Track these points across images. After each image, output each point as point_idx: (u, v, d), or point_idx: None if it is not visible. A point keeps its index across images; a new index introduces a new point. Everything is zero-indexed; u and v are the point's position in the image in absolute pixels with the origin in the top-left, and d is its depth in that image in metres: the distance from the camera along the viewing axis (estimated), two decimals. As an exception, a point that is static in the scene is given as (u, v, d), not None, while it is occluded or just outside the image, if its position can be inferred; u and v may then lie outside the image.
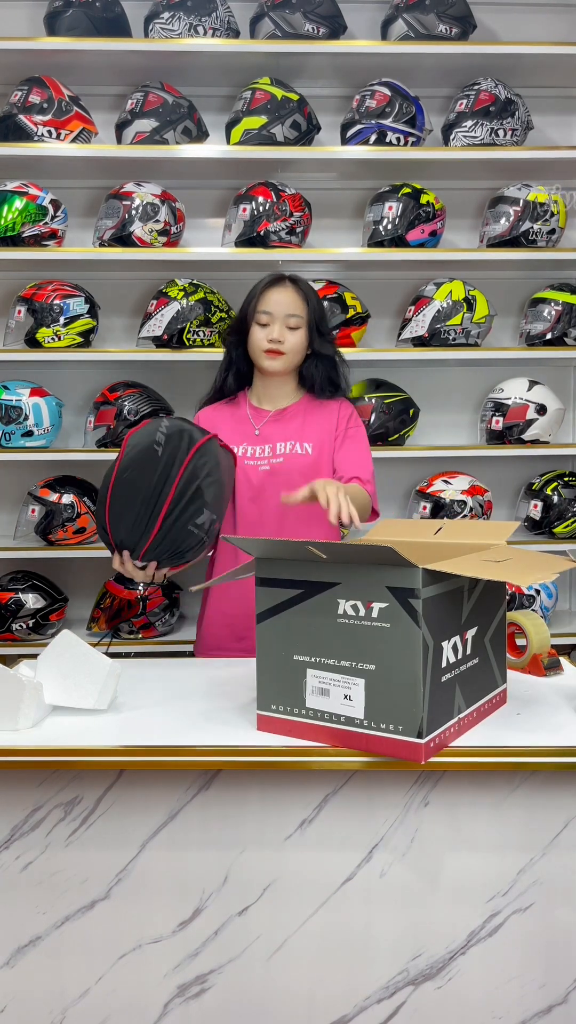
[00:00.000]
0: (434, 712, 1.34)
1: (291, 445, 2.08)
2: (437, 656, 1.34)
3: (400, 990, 1.47)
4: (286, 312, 2.05)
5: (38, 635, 2.98)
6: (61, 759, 1.43)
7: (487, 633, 1.52)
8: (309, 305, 2.08)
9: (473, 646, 1.47)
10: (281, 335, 2.04)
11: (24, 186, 2.85)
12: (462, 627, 1.41)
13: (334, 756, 1.41)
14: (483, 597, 1.50)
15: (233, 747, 1.43)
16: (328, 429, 2.11)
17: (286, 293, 2.06)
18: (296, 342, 2.07)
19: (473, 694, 1.48)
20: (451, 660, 1.38)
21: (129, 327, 3.19)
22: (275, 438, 2.09)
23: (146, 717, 1.59)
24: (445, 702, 1.38)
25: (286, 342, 2.05)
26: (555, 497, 3.07)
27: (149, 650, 2.97)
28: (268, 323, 2.05)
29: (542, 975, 1.47)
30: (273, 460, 2.07)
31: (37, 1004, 1.49)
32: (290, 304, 2.05)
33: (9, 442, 2.91)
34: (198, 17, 2.86)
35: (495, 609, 1.55)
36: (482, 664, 1.51)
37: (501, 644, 1.60)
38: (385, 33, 2.98)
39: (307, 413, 2.13)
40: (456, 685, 1.41)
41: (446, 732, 1.39)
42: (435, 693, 1.34)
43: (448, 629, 1.37)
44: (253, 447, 2.08)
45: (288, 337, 2.05)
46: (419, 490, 3.07)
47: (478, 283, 3.05)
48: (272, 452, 2.08)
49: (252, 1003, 1.48)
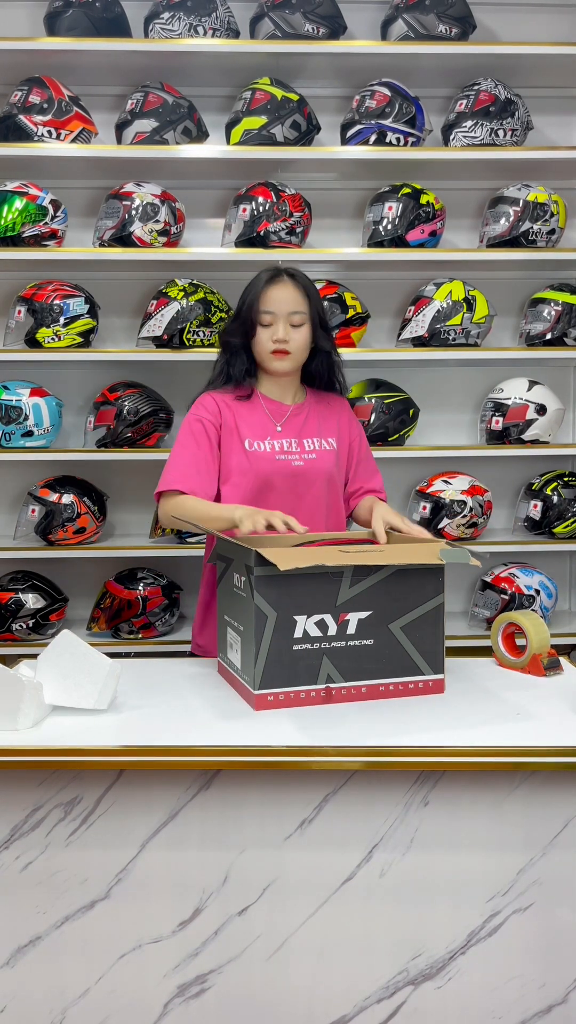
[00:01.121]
0: (277, 672, 1.60)
1: (318, 442, 2.06)
2: (285, 627, 1.60)
3: (400, 990, 1.47)
4: (289, 310, 2.00)
5: (38, 635, 2.98)
6: (61, 759, 1.43)
7: (398, 622, 1.66)
8: (311, 300, 2.03)
9: (363, 629, 1.64)
10: (286, 334, 1.99)
11: (24, 186, 2.85)
12: (336, 609, 1.62)
13: (334, 756, 1.41)
14: (389, 588, 1.65)
15: (233, 747, 1.44)
16: (341, 425, 2.12)
17: (286, 289, 2.01)
18: (301, 339, 2.02)
19: (361, 672, 1.65)
20: (313, 635, 1.62)
21: (129, 327, 3.19)
22: (300, 434, 2.06)
23: (146, 717, 1.59)
24: (301, 668, 1.61)
25: (291, 340, 2.00)
26: (555, 497, 3.07)
27: (149, 650, 2.97)
28: (271, 323, 2.00)
29: (542, 975, 1.47)
30: (305, 455, 2.04)
31: (37, 1004, 1.49)
32: (292, 301, 2.00)
33: (9, 442, 2.91)
34: (198, 17, 2.86)
35: (417, 603, 1.67)
36: (385, 649, 1.66)
37: (429, 636, 1.68)
38: (385, 33, 2.98)
39: (319, 409, 2.11)
40: (324, 657, 1.62)
41: (298, 693, 1.62)
42: (281, 657, 1.60)
43: (306, 607, 1.61)
44: (279, 441, 2.04)
45: (293, 335, 2.01)
46: (419, 490, 3.07)
47: (478, 283, 3.05)
48: (301, 448, 2.04)
49: (252, 1003, 1.48)
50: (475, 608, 3.11)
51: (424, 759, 1.42)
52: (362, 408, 2.97)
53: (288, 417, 2.08)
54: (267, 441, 2.03)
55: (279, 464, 2.02)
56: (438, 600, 1.68)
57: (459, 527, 3.01)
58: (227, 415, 2.04)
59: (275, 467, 2.01)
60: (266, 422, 2.06)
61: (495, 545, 3.08)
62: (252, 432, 2.03)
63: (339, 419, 2.13)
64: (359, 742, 1.45)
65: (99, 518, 3.02)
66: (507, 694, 1.70)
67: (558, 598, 3.16)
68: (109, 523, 3.17)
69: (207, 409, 2.05)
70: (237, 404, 2.06)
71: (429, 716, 1.58)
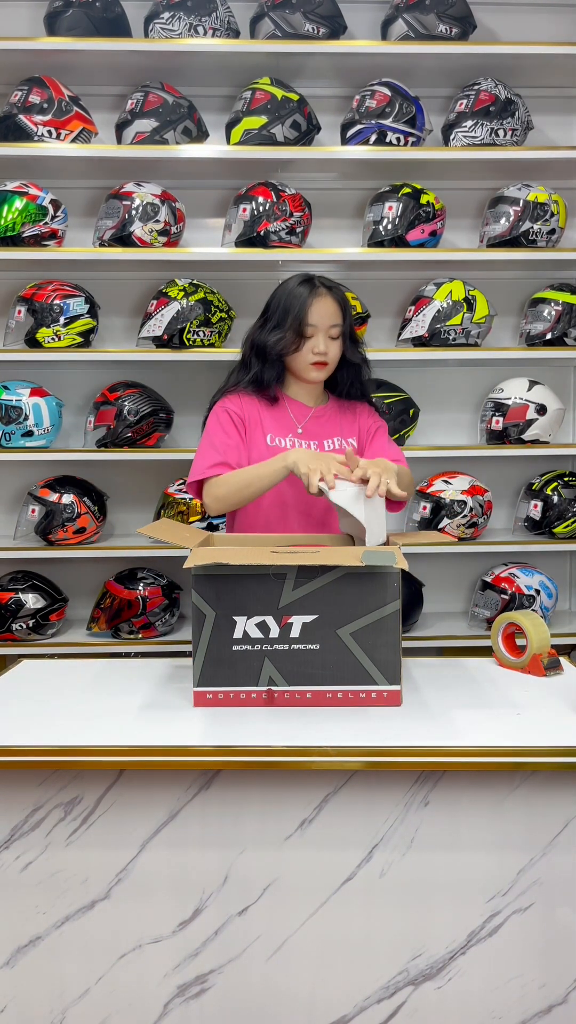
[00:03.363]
0: (216, 671, 1.62)
1: (338, 442, 2.09)
2: (225, 626, 1.61)
3: (400, 990, 1.47)
4: (329, 323, 2.03)
5: (38, 635, 2.98)
6: (61, 759, 1.43)
7: (348, 627, 1.61)
8: (346, 313, 2.07)
9: (308, 633, 1.62)
10: (327, 347, 2.03)
11: (24, 186, 2.85)
12: (279, 611, 1.61)
13: (334, 756, 1.41)
14: (338, 593, 1.60)
15: (233, 747, 1.44)
16: (361, 424, 2.14)
17: (328, 304, 2.04)
18: (337, 351, 2.07)
19: (304, 677, 1.62)
20: (254, 636, 1.62)
21: (129, 327, 3.19)
22: (320, 435, 2.09)
23: (145, 717, 1.59)
24: (241, 669, 1.62)
25: (329, 353, 2.05)
26: (555, 497, 3.07)
27: (149, 650, 2.97)
28: (313, 335, 2.03)
29: (542, 975, 1.48)
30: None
31: (37, 1004, 1.49)
32: (332, 315, 2.03)
33: (9, 442, 2.91)
34: (198, 17, 2.86)
35: (369, 609, 1.61)
36: (332, 655, 1.62)
37: (383, 644, 1.61)
38: (385, 33, 2.98)
39: (340, 413, 2.14)
40: (266, 659, 1.62)
41: (237, 694, 1.63)
42: (221, 656, 1.62)
43: (247, 608, 1.61)
44: (298, 440, 2.07)
45: (331, 348, 2.05)
46: (419, 490, 3.07)
47: (478, 283, 3.05)
48: (320, 448, 2.06)
49: (252, 1003, 1.48)
50: (475, 608, 3.11)
51: (424, 759, 1.42)
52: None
53: (310, 419, 2.11)
54: (288, 438, 2.06)
55: None
56: (393, 607, 1.61)
57: (459, 527, 3.01)
58: (251, 412, 2.07)
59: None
60: (289, 422, 2.09)
61: (495, 545, 3.08)
62: (275, 429, 2.06)
63: (358, 419, 2.15)
64: (359, 742, 1.45)
65: (99, 518, 3.02)
66: (507, 694, 1.70)
67: (558, 598, 3.16)
68: (109, 523, 3.17)
69: (233, 403, 2.08)
70: (261, 404, 2.10)
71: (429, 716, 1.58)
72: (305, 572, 1.60)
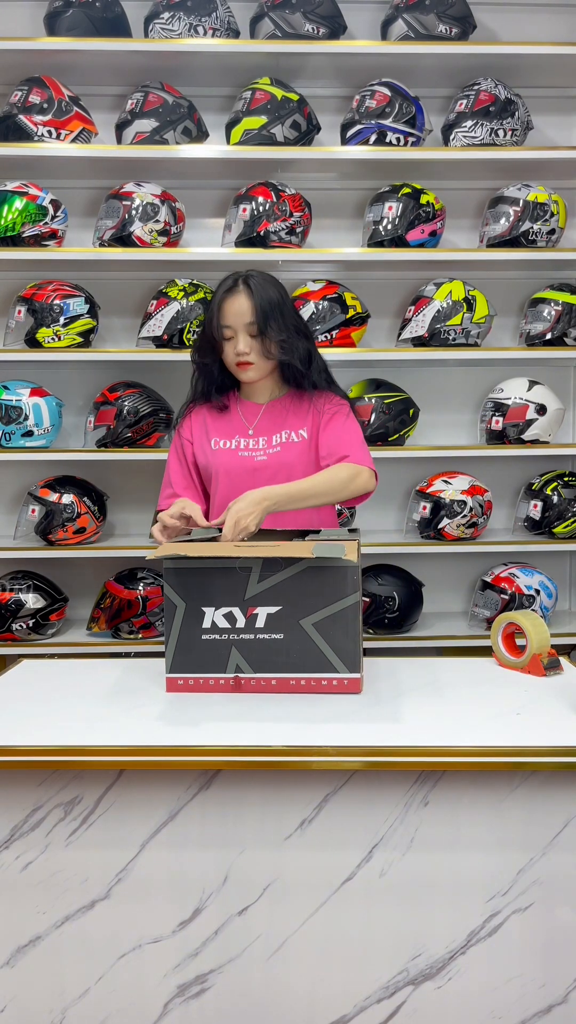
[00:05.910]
0: (186, 659, 1.72)
1: (286, 435, 2.06)
2: (194, 616, 1.71)
3: (400, 990, 1.48)
4: (245, 321, 1.98)
5: (38, 635, 2.98)
6: (61, 759, 1.43)
7: (310, 618, 1.69)
8: (270, 306, 1.99)
9: (273, 623, 1.69)
10: (246, 346, 1.99)
11: (24, 186, 2.85)
12: (245, 602, 1.70)
13: (334, 756, 1.41)
14: (301, 585, 1.68)
15: (233, 747, 1.44)
16: (313, 412, 2.08)
17: (240, 300, 1.99)
18: (263, 347, 2.01)
19: (269, 664, 1.71)
20: (221, 626, 1.71)
21: (129, 327, 3.19)
22: (269, 431, 2.07)
23: (145, 717, 1.59)
24: (209, 657, 1.71)
25: (252, 351, 2.00)
26: (555, 497, 3.07)
27: (149, 650, 2.97)
28: (232, 336, 2.00)
29: (542, 975, 1.48)
30: (269, 451, 2.05)
31: (37, 1004, 1.49)
32: (246, 311, 1.98)
33: (9, 442, 2.91)
34: (198, 17, 2.86)
35: (330, 601, 1.68)
36: (296, 644, 1.70)
37: (343, 634, 1.69)
38: (385, 33, 2.98)
39: (295, 405, 2.10)
40: (233, 648, 1.71)
41: (207, 680, 1.72)
42: (191, 645, 1.72)
43: (214, 599, 1.71)
44: (246, 440, 2.07)
45: (254, 345, 2.00)
46: (419, 490, 3.07)
47: (478, 283, 3.05)
48: (268, 443, 2.06)
49: (252, 1003, 1.48)
50: (475, 608, 3.11)
51: (424, 759, 1.42)
52: (362, 408, 2.97)
53: (261, 416, 2.09)
54: (234, 439, 2.07)
55: (240, 460, 2.05)
56: (353, 599, 1.68)
57: (459, 527, 3.01)
58: (199, 428, 2.09)
59: (235, 463, 2.04)
60: (239, 425, 2.09)
61: (495, 545, 3.08)
62: (220, 433, 2.07)
63: (312, 407, 2.08)
64: (359, 742, 1.45)
65: (99, 518, 3.02)
66: (507, 694, 1.70)
67: (558, 598, 3.16)
68: (109, 523, 3.17)
69: (185, 428, 2.14)
70: (211, 414, 2.12)
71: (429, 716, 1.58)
72: (269, 565, 1.69)
